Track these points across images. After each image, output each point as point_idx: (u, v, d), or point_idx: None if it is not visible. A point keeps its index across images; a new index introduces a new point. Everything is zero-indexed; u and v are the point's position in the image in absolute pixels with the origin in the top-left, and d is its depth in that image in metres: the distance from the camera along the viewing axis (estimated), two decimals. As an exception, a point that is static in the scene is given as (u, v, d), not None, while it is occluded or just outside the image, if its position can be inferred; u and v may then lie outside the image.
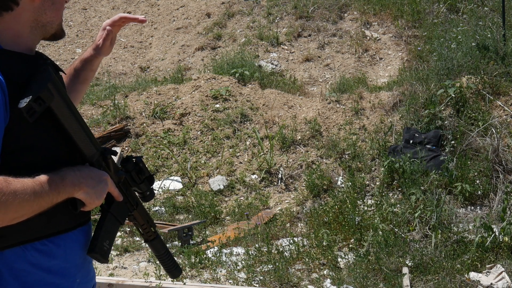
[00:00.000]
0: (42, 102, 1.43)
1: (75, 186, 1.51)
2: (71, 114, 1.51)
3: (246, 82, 9.08)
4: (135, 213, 1.79)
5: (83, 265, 1.65)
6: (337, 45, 10.57)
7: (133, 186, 1.76)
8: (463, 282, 4.70)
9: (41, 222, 1.51)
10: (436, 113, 7.20)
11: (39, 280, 1.52)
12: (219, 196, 7.22)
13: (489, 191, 6.25)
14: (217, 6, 12.46)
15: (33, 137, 1.50)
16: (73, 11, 13.96)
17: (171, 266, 1.92)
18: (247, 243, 5.79)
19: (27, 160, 1.50)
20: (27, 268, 1.50)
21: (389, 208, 5.85)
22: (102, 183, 1.58)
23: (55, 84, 1.48)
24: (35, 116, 1.43)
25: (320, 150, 7.60)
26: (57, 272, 1.55)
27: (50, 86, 1.45)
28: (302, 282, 4.93)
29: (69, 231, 1.59)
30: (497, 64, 7.59)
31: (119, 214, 1.71)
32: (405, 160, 6.51)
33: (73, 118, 1.52)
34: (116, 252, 5.99)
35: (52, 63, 1.69)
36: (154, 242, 1.88)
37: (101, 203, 1.61)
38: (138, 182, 1.75)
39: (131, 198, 1.75)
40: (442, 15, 10.11)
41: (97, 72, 11.62)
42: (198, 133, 8.24)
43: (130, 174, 1.73)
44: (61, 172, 1.50)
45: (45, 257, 1.53)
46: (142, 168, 1.74)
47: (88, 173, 1.55)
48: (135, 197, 1.78)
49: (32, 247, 1.51)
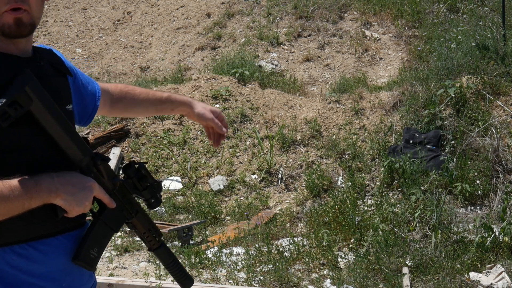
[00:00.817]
0: (19, 106, 1.37)
1: (51, 192, 1.46)
2: (53, 119, 1.46)
3: (246, 82, 9.08)
4: (134, 221, 1.72)
5: (71, 270, 1.60)
6: (337, 45, 10.57)
7: (134, 193, 1.70)
8: (463, 282, 4.70)
9: (20, 226, 1.48)
10: (436, 113, 7.20)
11: (21, 281, 1.50)
12: (219, 196, 7.22)
13: (489, 191, 6.25)
14: (217, 6, 12.46)
15: (16, 139, 1.47)
16: (73, 11, 13.96)
17: (181, 276, 1.83)
18: (247, 243, 5.79)
19: (9, 162, 1.46)
20: (8, 269, 1.49)
21: (389, 208, 5.85)
22: (85, 190, 1.52)
23: (34, 88, 1.41)
24: (9, 121, 1.37)
25: (320, 150, 7.60)
26: (40, 275, 1.53)
27: (28, 90, 1.38)
28: (302, 282, 4.93)
29: (51, 237, 1.55)
30: (497, 64, 7.59)
31: (112, 221, 1.65)
32: (405, 160, 6.51)
33: (56, 123, 1.46)
34: (116, 252, 5.99)
35: (52, 65, 1.65)
36: (158, 251, 1.81)
37: (84, 211, 1.55)
38: (140, 189, 1.69)
39: (129, 206, 1.69)
40: (442, 15, 10.11)
41: (98, 72, 11.63)
42: (198, 133, 8.24)
43: (131, 180, 1.67)
44: (36, 177, 1.45)
45: (25, 261, 1.51)
46: (144, 174, 1.67)
47: (69, 180, 1.50)
48: (134, 205, 1.71)
49: (11, 250, 1.49)
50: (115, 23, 13.27)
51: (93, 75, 11.54)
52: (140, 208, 1.74)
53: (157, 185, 1.73)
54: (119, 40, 12.67)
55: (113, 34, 12.92)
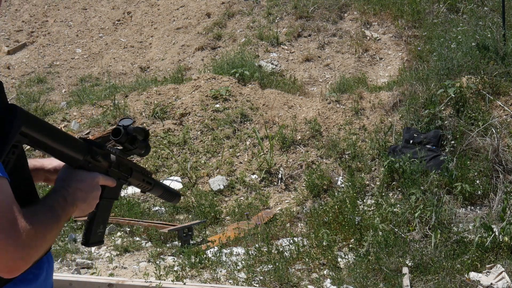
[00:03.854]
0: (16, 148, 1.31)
1: (73, 206, 1.42)
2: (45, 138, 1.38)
3: (246, 82, 9.08)
4: (130, 180, 1.72)
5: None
6: (337, 45, 10.57)
7: (128, 156, 1.68)
8: (463, 282, 4.70)
9: None
10: (436, 113, 7.19)
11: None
12: (219, 196, 7.22)
13: (489, 191, 6.25)
14: (217, 6, 12.46)
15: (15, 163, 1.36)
16: (73, 11, 13.96)
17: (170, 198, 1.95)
18: (247, 243, 5.79)
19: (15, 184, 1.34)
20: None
21: (389, 208, 5.85)
22: (94, 190, 1.49)
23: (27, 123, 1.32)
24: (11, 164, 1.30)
25: (320, 150, 7.60)
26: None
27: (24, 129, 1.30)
28: (302, 282, 4.93)
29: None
30: (497, 64, 7.59)
31: (112, 193, 1.65)
32: (405, 160, 6.51)
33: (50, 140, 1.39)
34: (116, 252, 5.99)
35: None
36: (151, 191, 1.85)
37: (93, 208, 1.53)
38: (133, 149, 1.67)
39: (124, 172, 1.67)
40: (442, 15, 10.11)
41: (97, 72, 11.62)
42: (198, 133, 8.24)
43: (123, 146, 1.65)
44: (58, 193, 1.39)
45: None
46: (135, 136, 1.64)
47: (78, 187, 1.44)
48: (128, 168, 1.69)
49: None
50: (115, 23, 13.26)
51: (93, 75, 11.54)
52: (133, 165, 1.73)
53: (145, 135, 1.69)
54: (119, 40, 12.67)
55: (113, 34, 12.92)
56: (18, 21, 13.78)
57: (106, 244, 6.24)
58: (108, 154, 1.60)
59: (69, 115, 9.15)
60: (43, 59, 12.43)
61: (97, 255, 5.91)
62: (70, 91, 10.75)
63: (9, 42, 13.18)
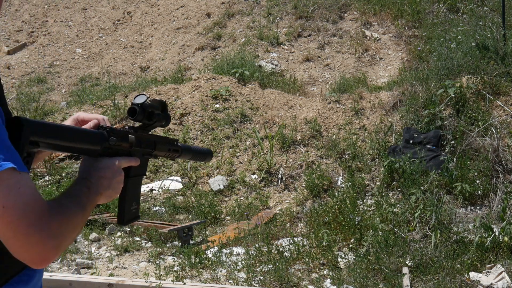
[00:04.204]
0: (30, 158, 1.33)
1: (96, 195, 1.45)
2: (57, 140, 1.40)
3: (246, 82, 9.08)
4: (155, 153, 1.73)
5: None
6: (337, 45, 10.57)
7: (148, 131, 1.68)
8: (463, 282, 4.70)
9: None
10: (436, 113, 7.20)
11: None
12: (219, 196, 7.22)
13: (489, 191, 6.25)
14: (217, 6, 12.46)
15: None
16: (73, 11, 13.96)
17: (203, 158, 1.98)
18: (247, 243, 5.79)
19: None
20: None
21: (389, 208, 5.85)
22: (116, 175, 1.50)
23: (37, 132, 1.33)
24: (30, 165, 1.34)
25: (320, 150, 7.60)
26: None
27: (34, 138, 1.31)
28: (302, 282, 4.93)
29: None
30: (497, 64, 7.59)
31: (139, 170, 1.66)
32: (405, 160, 6.51)
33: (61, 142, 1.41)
34: (116, 252, 5.99)
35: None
36: (181, 157, 1.88)
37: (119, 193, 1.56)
38: (152, 123, 1.66)
39: (147, 147, 1.68)
40: (442, 15, 10.11)
41: (97, 72, 11.62)
42: (198, 133, 8.24)
43: (142, 123, 1.65)
44: (81, 183, 1.42)
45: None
46: (152, 112, 1.63)
47: (100, 175, 1.46)
48: (150, 143, 1.70)
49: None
50: (115, 23, 13.26)
51: (93, 75, 11.54)
52: (156, 138, 1.73)
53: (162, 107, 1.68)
54: (119, 40, 12.67)
55: (113, 34, 12.92)
56: (18, 21, 13.79)
57: (106, 244, 6.24)
58: (125, 136, 1.59)
59: (69, 115, 9.15)
60: (43, 59, 12.43)
61: (97, 255, 5.91)
62: (70, 91, 10.75)
63: (9, 42, 13.18)
